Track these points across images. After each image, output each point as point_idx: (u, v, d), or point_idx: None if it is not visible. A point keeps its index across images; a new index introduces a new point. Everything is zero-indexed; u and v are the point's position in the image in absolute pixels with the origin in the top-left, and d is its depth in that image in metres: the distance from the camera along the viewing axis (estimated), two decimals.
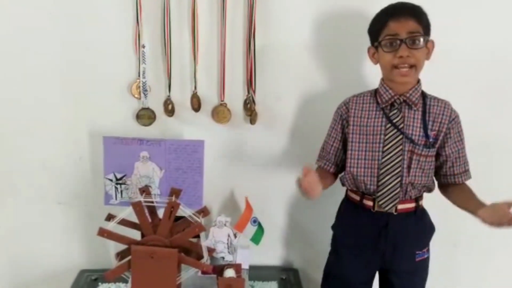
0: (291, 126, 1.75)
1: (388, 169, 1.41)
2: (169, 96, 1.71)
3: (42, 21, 1.64)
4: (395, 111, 1.41)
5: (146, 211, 1.41)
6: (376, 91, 1.47)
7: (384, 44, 1.36)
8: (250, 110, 1.72)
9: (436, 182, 1.50)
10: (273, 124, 1.76)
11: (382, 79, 1.45)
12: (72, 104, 1.72)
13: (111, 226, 1.39)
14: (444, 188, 1.50)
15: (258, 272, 1.77)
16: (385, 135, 1.41)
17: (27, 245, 1.85)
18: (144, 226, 1.41)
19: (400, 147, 1.40)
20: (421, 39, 1.34)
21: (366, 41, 1.45)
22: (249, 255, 1.66)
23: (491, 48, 1.70)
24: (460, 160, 1.44)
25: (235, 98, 1.73)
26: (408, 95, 1.40)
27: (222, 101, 1.72)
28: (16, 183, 1.79)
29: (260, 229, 1.71)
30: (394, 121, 1.41)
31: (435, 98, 1.43)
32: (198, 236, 1.43)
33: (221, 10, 1.64)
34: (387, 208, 1.42)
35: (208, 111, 1.73)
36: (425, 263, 1.51)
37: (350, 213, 1.53)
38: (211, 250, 1.51)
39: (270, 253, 1.89)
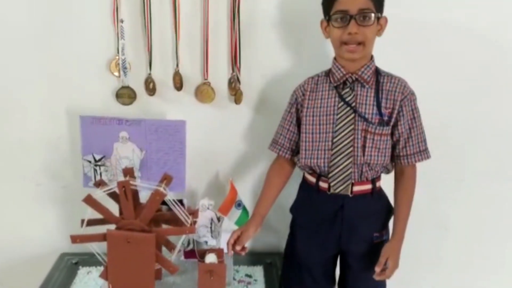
0: (278, 106, 1.67)
1: (339, 149, 1.38)
2: (150, 74, 1.63)
3: None
4: (347, 90, 1.38)
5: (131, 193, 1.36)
6: (329, 71, 1.43)
7: (334, 19, 1.33)
8: (234, 89, 1.66)
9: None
10: (259, 104, 1.70)
11: (335, 58, 1.42)
12: (49, 83, 1.66)
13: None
14: (397, 177, 1.46)
15: (243, 257, 1.72)
16: (337, 114, 1.38)
17: (5, 228, 1.80)
18: (126, 210, 1.35)
19: (352, 126, 1.37)
20: (372, 16, 1.30)
21: None
22: None
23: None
24: (413, 139, 1.39)
25: (219, 76, 1.66)
26: (360, 73, 1.36)
27: (205, 79, 1.65)
28: None
29: (245, 213, 1.67)
30: (347, 100, 1.38)
31: (389, 75, 1.39)
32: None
33: None
34: (338, 190, 1.40)
35: (191, 90, 1.67)
36: (382, 245, 1.43)
37: (307, 195, 1.51)
38: (194, 212, 1.46)
39: (256, 237, 1.83)
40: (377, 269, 1.36)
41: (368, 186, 1.42)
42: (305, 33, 1.62)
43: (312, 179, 1.47)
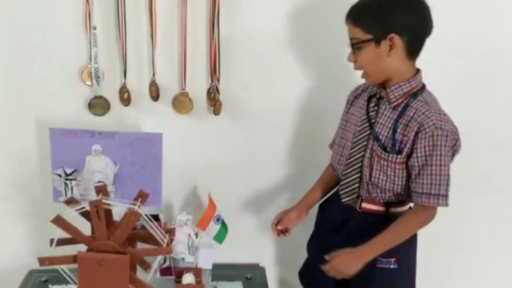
0: (258, 117, 1.63)
1: (351, 162, 1.36)
2: (124, 83, 1.56)
3: None
4: (372, 105, 1.34)
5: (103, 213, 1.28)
6: None
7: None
8: (213, 100, 1.59)
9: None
10: (239, 116, 1.65)
11: None
12: (17, 91, 1.57)
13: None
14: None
15: (222, 272, 1.68)
16: (359, 126, 1.35)
17: None
18: (98, 230, 1.28)
19: (365, 143, 1.32)
20: (360, 45, 1.23)
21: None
22: (212, 255, 1.57)
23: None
24: (423, 178, 1.24)
25: (198, 86, 1.59)
26: (388, 90, 1.29)
27: (183, 89, 1.58)
28: None
29: (224, 228, 1.62)
30: (370, 114, 1.33)
31: (424, 103, 1.24)
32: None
33: None
34: (344, 201, 1.38)
35: (168, 101, 1.60)
36: (389, 273, 1.35)
37: (332, 195, 1.51)
38: (170, 231, 1.39)
39: (236, 251, 1.78)
40: (326, 257, 1.32)
41: (380, 208, 1.35)
42: (288, 41, 1.57)
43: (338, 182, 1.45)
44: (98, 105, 1.56)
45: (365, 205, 1.36)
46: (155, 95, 1.57)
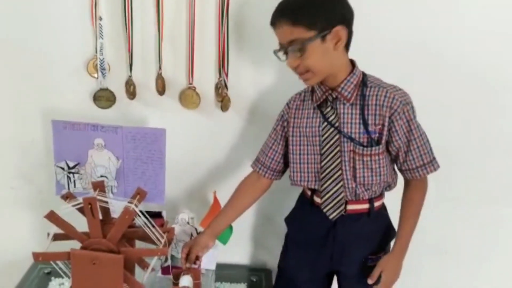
0: (267, 114, 1.55)
1: (328, 174, 1.28)
2: (130, 76, 1.52)
3: None
4: (329, 109, 1.26)
5: (99, 210, 1.25)
6: (313, 87, 1.30)
7: (279, 54, 1.22)
8: (221, 95, 1.54)
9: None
10: (247, 112, 1.59)
11: None
12: (22, 83, 1.55)
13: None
14: (404, 187, 1.34)
15: (227, 273, 1.64)
16: (322, 136, 1.27)
17: None
18: (92, 228, 1.24)
19: (338, 148, 1.25)
20: (304, 45, 1.14)
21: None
22: (215, 255, 1.51)
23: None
24: (413, 153, 1.25)
25: (206, 81, 1.54)
26: (339, 89, 1.22)
27: (190, 84, 1.53)
28: None
29: (229, 228, 1.56)
30: (330, 119, 1.26)
31: (376, 86, 1.23)
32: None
33: None
34: (331, 217, 1.31)
35: (174, 95, 1.55)
36: None
37: (302, 207, 1.42)
38: (169, 230, 1.35)
39: (241, 252, 1.74)
40: (370, 281, 1.28)
41: (365, 206, 1.31)
42: None
43: (308, 192, 1.37)
44: (103, 97, 1.53)
45: (350, 207, 1.30)
46: (161, 88, 1.53)
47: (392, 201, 1.36)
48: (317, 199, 1.34)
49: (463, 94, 1.54)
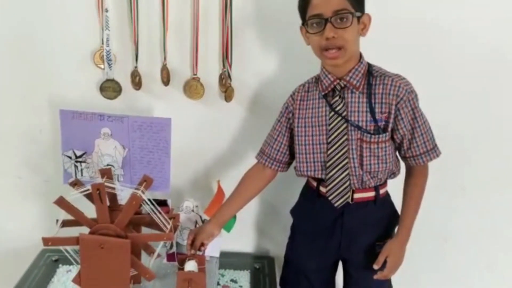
0: (271, 105, 1.58)
1: (334, 162, 1.30)
2: (136, 67, 1.55)
3: None
4: (336, 98, 1.28)
5: (106, 196, 1.28)
6: (318, 77, 1.33)
7: (310, 25, 1.23)
8: (225, 85, 1.56)
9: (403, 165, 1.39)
10: (251, 102, 1.61)
11: (322, 64, 1.32)
12: (30, 73, 1.58)
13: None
14: (406, 174, 1.38)
15: (230, 260, 1.67)
16: (329, 125, 1.30)
17: None
18: (101, 213, 1.28)
19: (345, 136, 1.28)
20: (350, 17, 1.18)
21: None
22: (219, 243, 1.54)
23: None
24: (417, 140, 1.29)
25: (210, 71, 1.57)
26: (348, 78, 1.26)
27: (194, 74, 1.56)
28: None
29: (233, 216, 1.59)
30: (337, 109, 1.28)
31: (382, 75, 1.27)
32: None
33: None
34: (337, 204, 1.33)
35: (179, 85, 1.58)
36: None
37: (308, 198, 1.44)
38: (174, 217, 1.38)
39: (245, 240, 1.76)
40: (375, 266, 1.30)
41: (371, 194, 1.34)
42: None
43: (313, 183, 1.40)
44: (110, 88, 1.56)
45: (357, 196, 1.33)
46: (166, 79, 1.55)
47: (392, 190, 1.39)
48: (322, 189, 1.36)
49: (464, 82, 1.57)
